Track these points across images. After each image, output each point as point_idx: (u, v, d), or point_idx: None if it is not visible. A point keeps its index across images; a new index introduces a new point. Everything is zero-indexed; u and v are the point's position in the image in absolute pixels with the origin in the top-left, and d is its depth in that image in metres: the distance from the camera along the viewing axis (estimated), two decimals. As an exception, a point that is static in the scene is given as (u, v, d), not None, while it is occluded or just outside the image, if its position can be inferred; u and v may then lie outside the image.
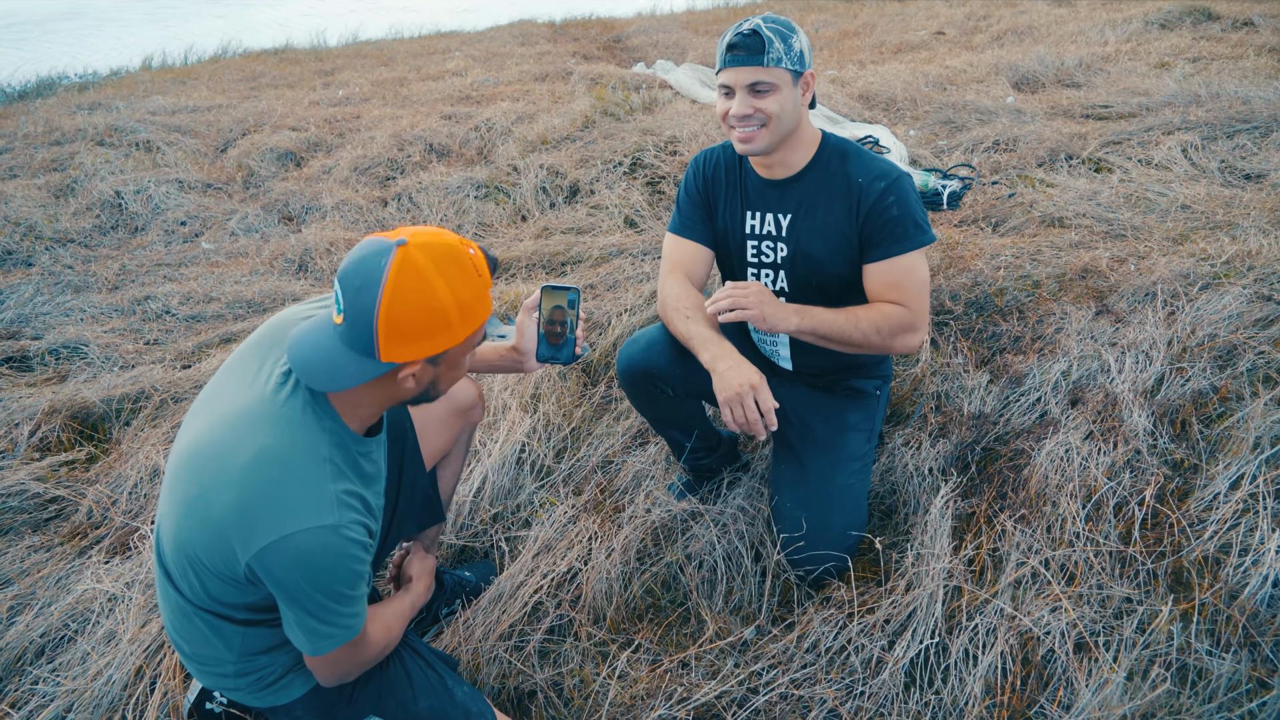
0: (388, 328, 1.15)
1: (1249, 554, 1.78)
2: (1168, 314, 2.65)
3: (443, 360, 1.25)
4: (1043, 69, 6.05)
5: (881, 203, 1.74)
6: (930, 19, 9.52)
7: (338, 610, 1.23)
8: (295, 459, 1.20)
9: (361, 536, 1.23)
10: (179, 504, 1.25)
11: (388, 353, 1.17)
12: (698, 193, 1.93)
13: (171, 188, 4.73)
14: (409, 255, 1.15)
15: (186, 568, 1.26)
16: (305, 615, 1.22)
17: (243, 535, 1.16)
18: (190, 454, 1.25)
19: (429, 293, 1.15)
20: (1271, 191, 3.62)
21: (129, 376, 2.87)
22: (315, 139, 5.39)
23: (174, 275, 3.82)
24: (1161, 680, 1.55)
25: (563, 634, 1.82)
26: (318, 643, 1.25)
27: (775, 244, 1.86)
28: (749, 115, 1.70)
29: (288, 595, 1.20)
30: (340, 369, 1.20)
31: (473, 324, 1.23)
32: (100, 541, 2.20)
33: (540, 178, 4.46)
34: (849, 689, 1.63)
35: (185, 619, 1.32)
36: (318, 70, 8.74)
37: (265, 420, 1.22)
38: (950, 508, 1.99)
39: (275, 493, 1.17)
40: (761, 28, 1.67)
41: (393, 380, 1.25)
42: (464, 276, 1.19)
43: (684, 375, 1.87)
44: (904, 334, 1.76)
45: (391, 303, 1.14)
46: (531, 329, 1.64)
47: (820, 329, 1.72)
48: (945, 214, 3.78)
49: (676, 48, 8.72)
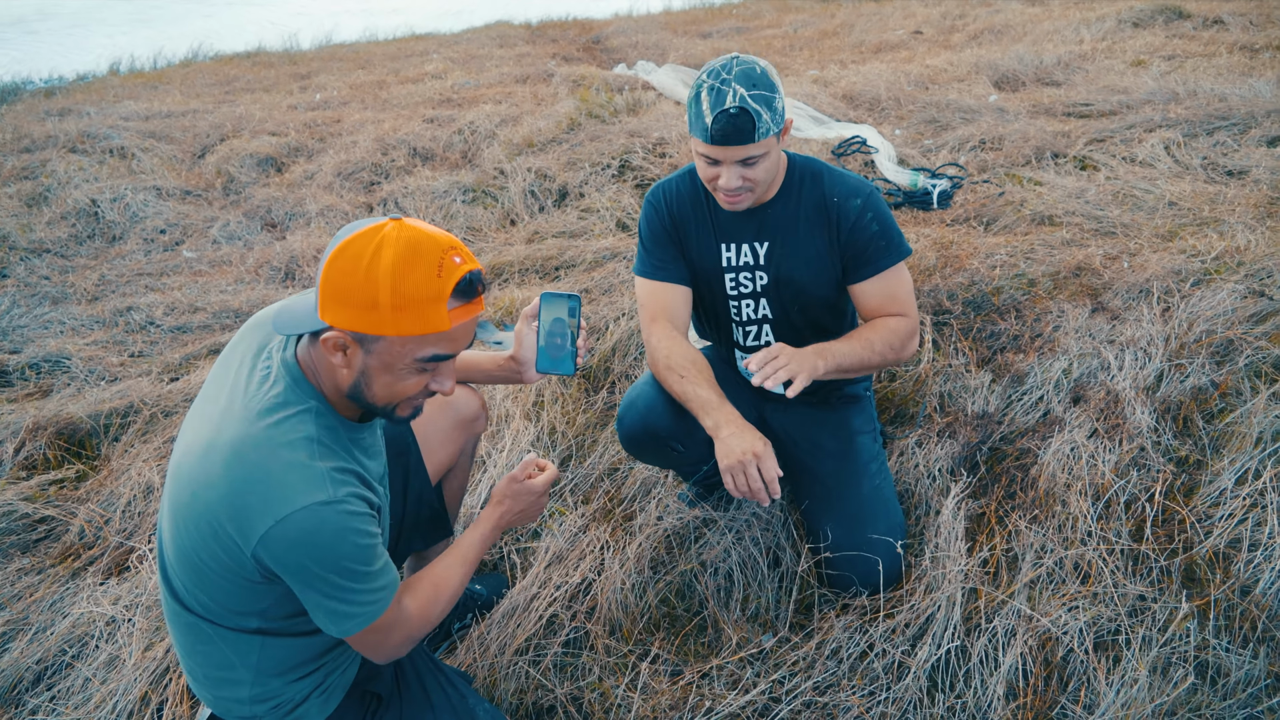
0: (326, 278, 1.14)
1: (1259, 549, 1.79)
2: (1163, 310, 2.67)
3: (374, 349, 1.16)
4: (1022, 67, 6.11)
5: (861, 220, 1.74)
6: (907, 18, 9.58)
7: (354, 589, 1.18)
8: (278, 441, 1.15)
9: (361, 509, 1.18)
10: (173, 512, 1.22)
11: (322, 307, 1.15)
12: (664, 231, 1.84)
13: (149, 195, 4.63)
14: (382, 228, 1.13)
15: (193, 578, 1.21)
16: (322, 598, 1.18)
17: (240, 527, 1.12)
18: (179, 462, 1.23)
19: (370, 262, 1.10)
20: (1254, 188, 3.67)
21: (115, 390, 2.80)
22: (296, 144, 5.31)
23: (156, 285, 3.74)
24: (1185, 679, 1.55)
25: (578, 646, 1.79)
26: (343, 624, 1.21)
27: (754, 273, 1.84)
28: (738, 187, 1.66)
29: (299, 579, 1.16)
30: (299, 316, 1.21)
31: (409, 322, 1.13)
32: (94, 562, 2.14)
33: (528, 181, 4.42)
34: (872, 695, 1.61)
35: (197, 638, 1.28)
36: (293, 74, 8.62)
37: (246, 410, 1.18)
38: (962, 509, 1.98)
39: (262, 477, 1.12)
40: (748, 103, 1.56)
41: (327, 354, 1.19)
42: (417, 269, 1.12)
43: (691, 430, 1.77)
44: (909, 342, 1.79)
45: (338, 254, 1.12)
46: (531, 338, 1.60)
47: (843, 364, 1.70)
48: (936, 213, 3.80)
49: (656, 48, 8.70)
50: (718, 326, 1.98)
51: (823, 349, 1.70)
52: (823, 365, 1.66)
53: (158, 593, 1.89)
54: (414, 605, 1.33)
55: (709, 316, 1.97)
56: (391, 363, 1.18)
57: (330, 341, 1.16)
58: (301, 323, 1.21)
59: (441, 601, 1.38)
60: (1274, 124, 4.35)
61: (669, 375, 1.72)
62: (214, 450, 1.15)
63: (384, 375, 1.19)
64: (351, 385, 1.21)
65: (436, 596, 1.37)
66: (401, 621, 1.28)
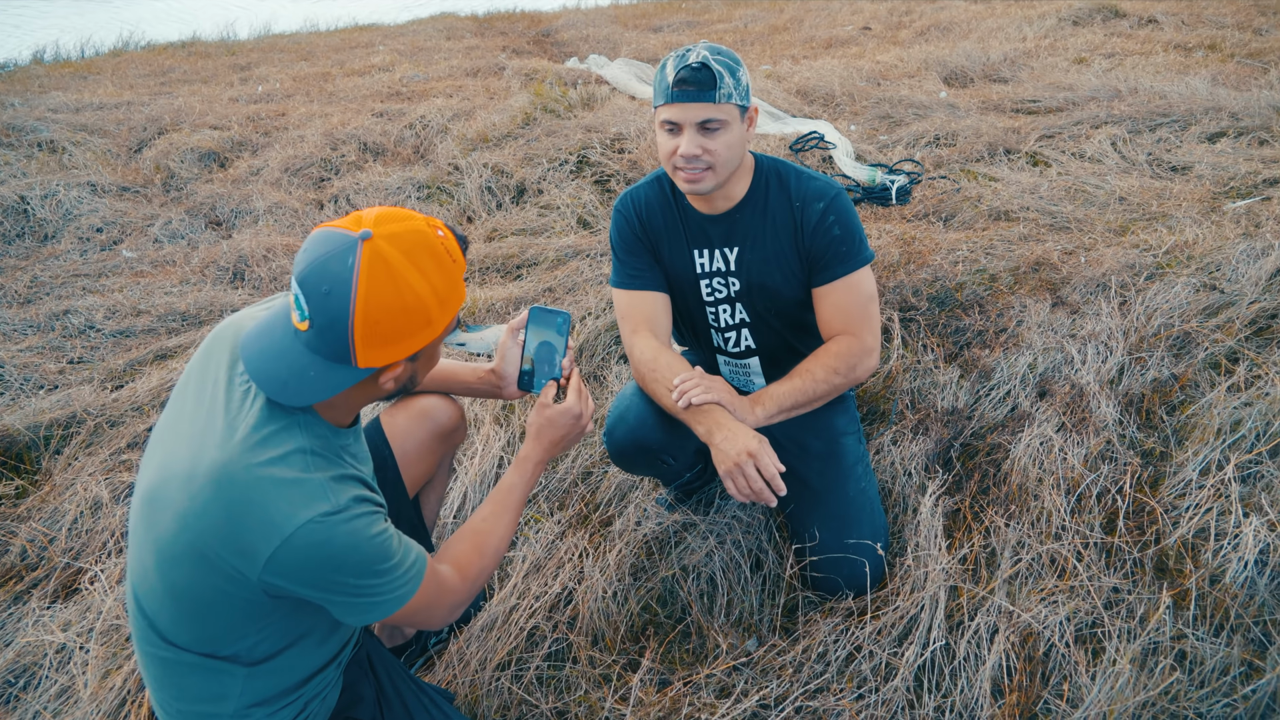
0: (365, 333, 1.06)
1: (1226, 538, 1.83)
2: (1120, 304, 2.73)
3: (421, 355, 1.17)
4: (970, 64, 6.22)
5: (823, 223, 1.72)
6: (855, 14, 9.69)
7: (378, 584, 1.13)
8: (267, 460, 1.09)
9: (367, 510, 1.13)
10: (156, 545, 1.12)
11: (366, 358, 1.08)
12: (637, 240, 1.81)
13: (83, 191, 4.41)
14: (378, 251, 1.04)
15: (182, 611, 1.13)
16: (348, 600, 1.13)
17: (243, 554, 1.05)
18: (157, 490, 1.13)
19: (407, 291, 1.06)
20: (1198, 183, 3.79)
21: (55, 400, 2.65)
22: (239, 138, 5.11)
23: (94, 286, 3.56)
24: (1170, 670, 1.58)
25: (561, 659, 1.75)
26: (374, 613, 1.16)
27: (727, 279, 1.81)
28: (697, 156, 1.61)
29: (319, 590, 1.11)
30: (312, 380, 1.10)
31: (451, 312, 1.14)
32: (39, 585, 2.02)
33: (484, 177, 4.33)
34: (861, 698, 1.61)
35: (177, 672, 1.19)
36: (231, 65, 8.32)
37: (229, 430, 1.10)
38: (940, 506, 1.99)
39: (258, 499, 1.06)
40: (710, 61, 1.56)
41: (372, 383, 1.16)
42: (439, 266, 1.09)
43: (682, 442, 1.76)
44: (861, 362, 1.75)
45: (367, 307, 1.04)
46: (515, 353, 1.55)
47: (784, 404, 1.69)
48: (896, 209, 3.83)
49: (608, 42, 8.63)
50: (696, 334, 1.95)
51: (759, 396, 1.69)
52: (761, 412, 1.66)
53: (113, 617, 1.79)
54: (455, 570, 1.29)
55: (687, 324, 1.94)
56: (435, 349, 1.21)
57: (387, 378, 1.15)
58: (317, 383, 1.10)
59: (487, 557, 1.34)
60: (1212, 121, 4.50)
61: (655, 387, 1.69)
62: (198, 476, 1.07)
63: (430, 363, 1.23)
64: (396, 391, 1.21)
65: (480, 553, 1.32)
66: (444, 590, 1.25)
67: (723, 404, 1.63)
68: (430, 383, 1.62)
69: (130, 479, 2.26)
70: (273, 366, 1.11)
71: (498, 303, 3.11)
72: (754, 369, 1.94)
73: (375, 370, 1.12)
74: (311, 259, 1.05)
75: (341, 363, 1.09)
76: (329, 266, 1.04)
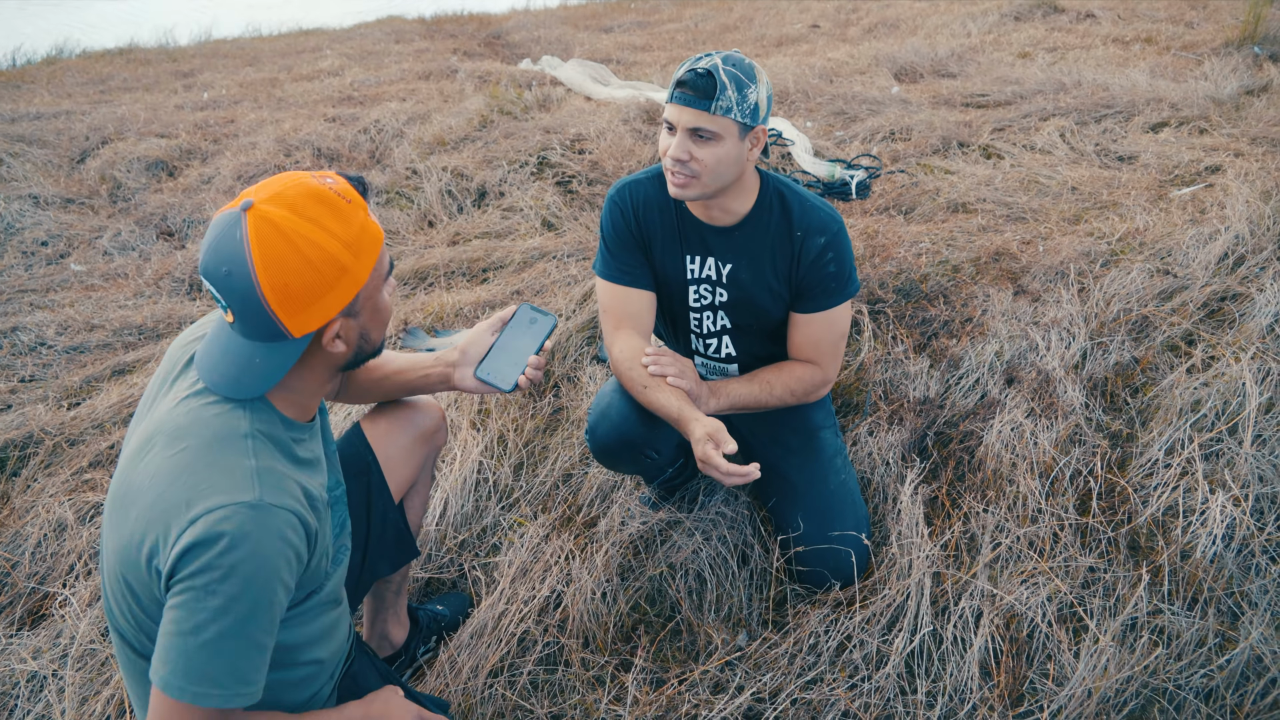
0: (279, 300, 1.03)
1: (1194, 514, 1.89)
2: (1079, 291, 2.81)
3: (359, 307, 1.12)
4: (919, 60, 6.33)
5: (820, 259, 1.73)
6: (803, 12, 9.80)
7: (219, 646, 0.98)
8: (209, 439, 1.05)
9: (292, 530, 1.04)
10: (114, 533, 1.10)
11: (296, 325, 1.05)
12: (630, 235, 1.79)
13: (25, 204, 4.25)
14: (262, 215, 1.01)
15: (144, 613, 1.09)
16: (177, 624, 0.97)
17: (164, 526, 1.00)
18: (113, 500, 1.12)
19: (304, 245, 1.02)
20: (1144, 171, 3.91)
21: (9, 420, 2.55)
22: (188, 146, 4.98)
23: (42, 302, 3.43)
24: (1152, 645, 1.63)
25: (553, 662, 1.74)
26: (173, 673, 0.98)
27: (715, 288, 1.82)
28: (684, 160, 1.58)
29: (179, 589, 0.98)
30: (259, 366, 1.08)
31: (370, 254, 1.10)
32: (3, 611, 1.94)
33: (444, 181, 4.28)
34: (854, 687, 1.63)
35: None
36: (173, 71, 8.09)
37: (178, 418, 1.09)
38: (919, 494, 2.02)
39: (186, 479, 1.02)
40: (718, 70, 1.54)
41: (322, 351, 1.12)
42: (332, 210, 1.06)
43: (665, 436, 1.76)
44: (817, 390, 1.84)
45: (268, 274, 1.01)
46: (486, 339, 1.50)
47: (737, 404, 1.75)
48: (856, 203, 3.88)
49: (560, 43, 8.60)
50: (676, 334, 1.95)
51: (717, 387, 1.73)
52: (715, 403, 1.71)
53: (87, 641, 1.73)
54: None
55: (668, 323, 1.93)
56: (375, 299, 1.16)
57: (330, 337, 1.10)
58: (266, 367, 1.08)
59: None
60: (1154, 111, 4.65)
61: (634, 386, 1.69)
62: (149, 451, 1.06)
63: (375, 316, 1.18)
64: (352, 357, 1.18)
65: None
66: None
67: (690, 393, 1.65)
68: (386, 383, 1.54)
69: (95, 498, 2.18)
70: (222, 368, 1.09)
71: (466, 307, 3.08)
72: (731, 374, 1.94)
73: (316, 334, 1.09)
74: (207, 247, 1.04)
75: (278, 339, 1.07)
76: (222, 248, 1.02)
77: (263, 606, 1.02)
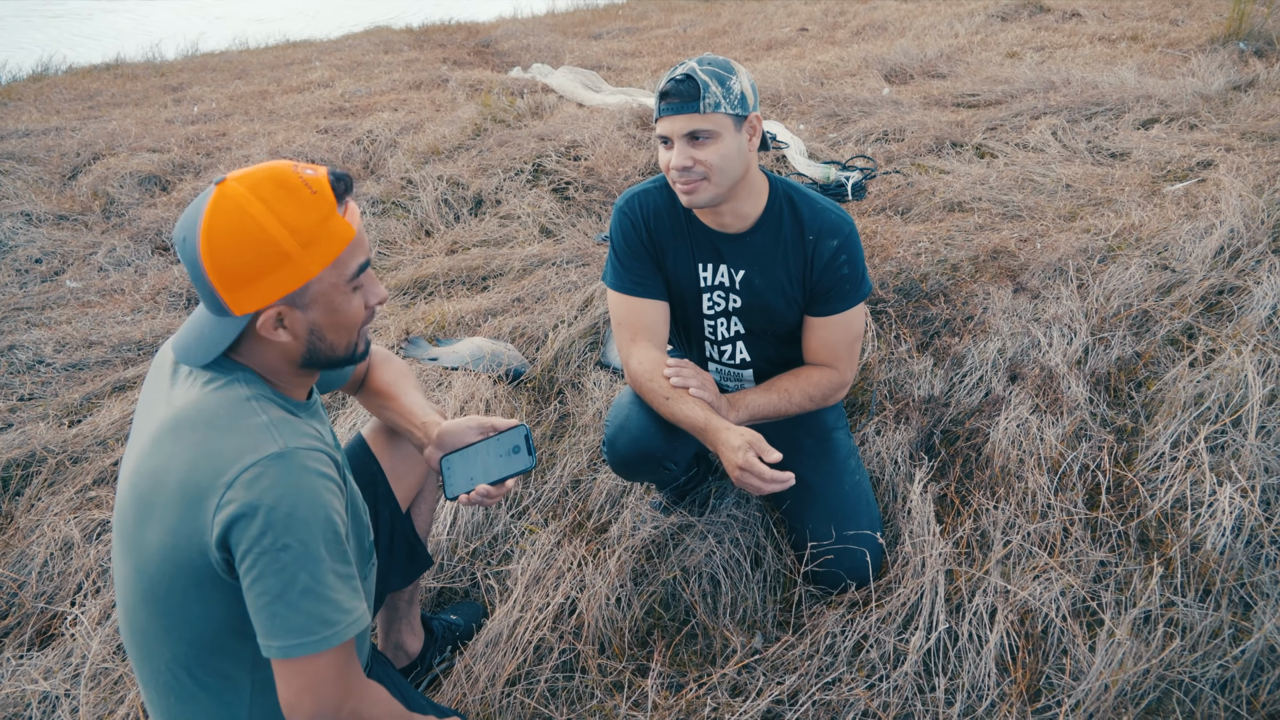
0: (217, 274, 1.05)
1: (1203, 506, 1.90)
2: (1078, 287, 2.83)
3: (308, 301, 1.11)
4: (909, 61, 6.37)
5: (834, 262, 1.74)
6: (790, 16, 9.84)
7: (313, 589, 1.02)
8: (214, 409, 1.09)
9: (325, 468, 1.07)
10: (129, 546, 1.11)
11: (235, 302, 1.08)
12: (641, 245, 1.78)
13: (17, 221, 4.23)
14: (225, 190, 1.05)
15: (167, 619, 1.10)
16: (267, 593, 1.00)
17: (197, 505, 1.03)
18: (122, 498, 1.14)
19: (248, 223, 1.04)
20: (1137, 168, 3.94)
21: (10, 439, 2.53)
22: (180, 160, 4.96)
23: (39, 320, 3.41)
24: (1168, 637, 1.63)
25: (570, 669, 1.73)
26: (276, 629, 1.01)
27: (728, 295, 1.82)
28: (689, 167, 1.60)
29: (247, 560, 1.01)
30: (207, 336, 1.11)
31: (326, 250, 1.09)
32: (11, 633, 1.92)
33: (440, 190, 4.28)
34: (873, 686, 1.63)
35: (178, 699, 1.15)
36: (162, 86, 8.07)
37: (176, 405, 1.11)
38: (928, 492, 2.03)
39: (205, 447, 1.05)
40: (696, 71, 1.56)
41: (263, 333, 1.12)
42: (292, 198, 1.06)
43: (683, 447, 1.76)
44: (835, 393, 1.84)
45: (210, 244, 1.04)
46: (469, 437, 1.44)
47: (756, 414, 1.75)
48: (853, 204, 3.90)
49: (549, 50, 8.61)
50: (689, 341, 1.95)
51: (736, 399, 1.74)
52: (734, 415, 1.70)
53: (99, 660, 1.71)
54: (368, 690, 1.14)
55: (682, 331, 1.93)
56: (331, 300, 1.13)
57: (268, 323, 1.10)
58: (211, 339, 1.11)
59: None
60: (1144, 108, 4.69)
61: (655, 398, 1.69)
62: (154, 443, 1.08)
63: (331, 317, 1.14)
64: (306, 352, 1.16)
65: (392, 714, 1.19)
66: (340, 684, 1.07)
67: (711, 404, 1.66)
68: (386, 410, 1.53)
69: (100, 515, 2.17)
70: (185, 337, 1.15)
71: (467, 315, 3.07)
72: (746, 379, 1.95)
73: (253, 317, 1.10)
74: (180, 218, 1.09)
75: (222, 314, 1.09)
76: (187, 217, 1.08)
77: (331, 539, 1.05)
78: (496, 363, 2.70)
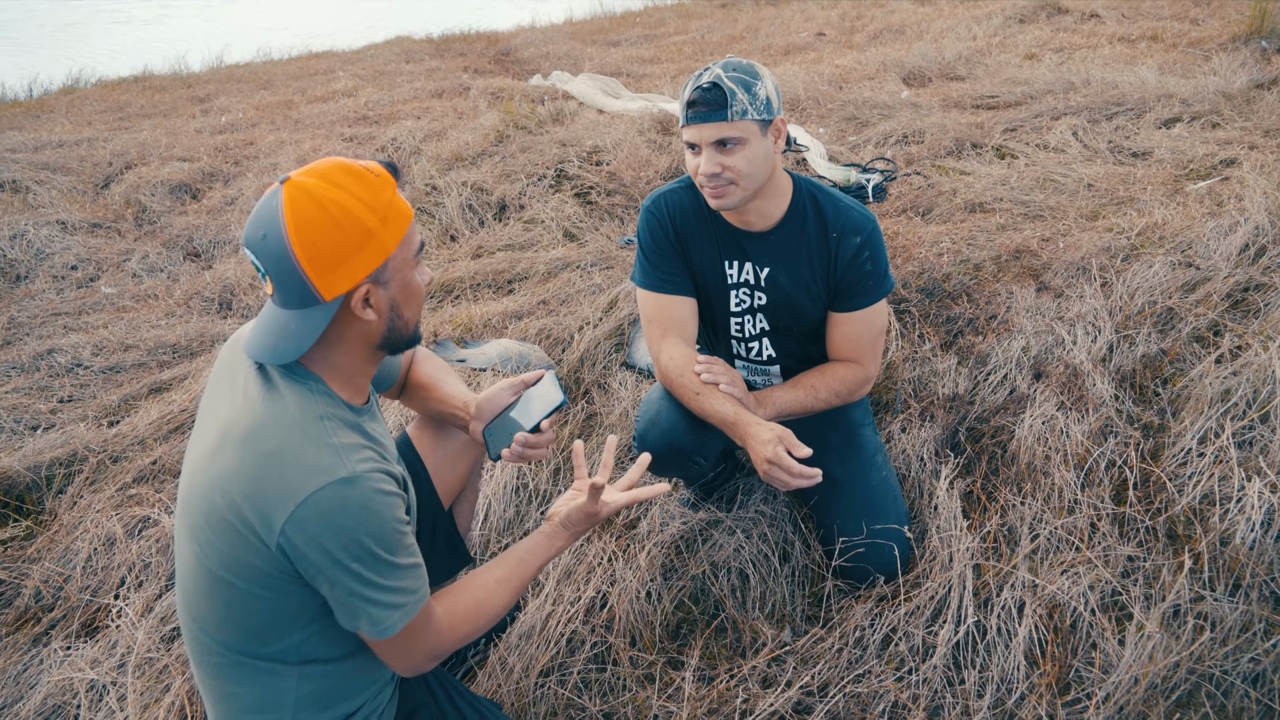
0: (310, 259, 1.10)
1: (1231, 501, 1.91)
2: (1102, 285, 2.83)
3: (388, 277, 1.18)
4: (927, 64, 6.37)
5: (857, 259, 1.77)
6: (807, 21, 9.86)
7: (377, 581, 1.13)
8: (288, 425, 1.13)
9: (388, 485, 1.15)
10: (192, 535, 1.16)
11: (326, 287, 1.12)
12: (669, 243, 1.82)
13: (53, 230, 4.33)
14: (295, 184, 1.11)
15: (224, 605, 1.15)
16: (343, 592, 1.12)
17: (264, 520, 1.09)
18: (188, 490, 1.18)
19: (333, 207, 1.10)
20: (1159, 167, 3.93)
21: (52, 439, 2.60)
22: (210, 169, 5.06)
23: (76, 324, 3.49)
24: (1199, 630, 1.64)
25: (602, 661, 1.76)
26: (361, 618, 1.15)
27: (753, 292, 1.85)
28: (717, 174, 1.63)
29: (324, 574, 1.11)
30: (293, 331, 1.15)
31: (397, 226, 1.17)
32: (57, 625, 1.98)
33: (464, 195, 4.34)
34: (902, 679, 1.65)
35: (229, 679, 1.20)
36: (189, 97, 8.22)
37: (249, 411, 1.15)
38: (955, 489, 2.04)
39: (276, 464, 1.10)
40: (722, 79, 1.58)
41: (352, 318, 1.18)
42: (358, 179, 1.14)
43: (712, 442, 1.80)
44: (860, 389, 1.87)
45: (300, 233, 1.09)
46: (504, 399, 1.52)
47: (784, 411, 1.78)
48: (874, 206, 3.91)
49: (568, 58, 8.68)
50: (716, 338, 1.98)
51: (763, 396, 1.77)
52: (761, 413, 1.73)
53: (144, 650, 1.76)
54: (449, 620, 1.28)
55: (709, 328, 1.97)
56: (404, 275, 1.20)
57: (358, 302, 1.15)
58: (300, 332, 1.15)
59: (480, 622, 1.33)
60: (1165, 108, 4.67)
61: (686, 393, 1.72)
62: (228, 455, 1.12)
63: (405, 291, 1.21)
64: (387, 329, 1.22)
65: (478, 614, 1.33)
66: (431, 633, 1.24)
67: (740, 400, 1.69)
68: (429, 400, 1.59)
69: (141, 513, 2.22)
70: (262, 338, 1.17)
71: (494, 318, 3.12)
72: (774, 375, 1.98)
73: (343, 299, 1.15)
74: (249, 220, 1.14)
75: (310, 303, 1.13)
76: (260, 216, 1.12)
77: (394, 537, 1.15)
78: (524, 363, 2.74)
